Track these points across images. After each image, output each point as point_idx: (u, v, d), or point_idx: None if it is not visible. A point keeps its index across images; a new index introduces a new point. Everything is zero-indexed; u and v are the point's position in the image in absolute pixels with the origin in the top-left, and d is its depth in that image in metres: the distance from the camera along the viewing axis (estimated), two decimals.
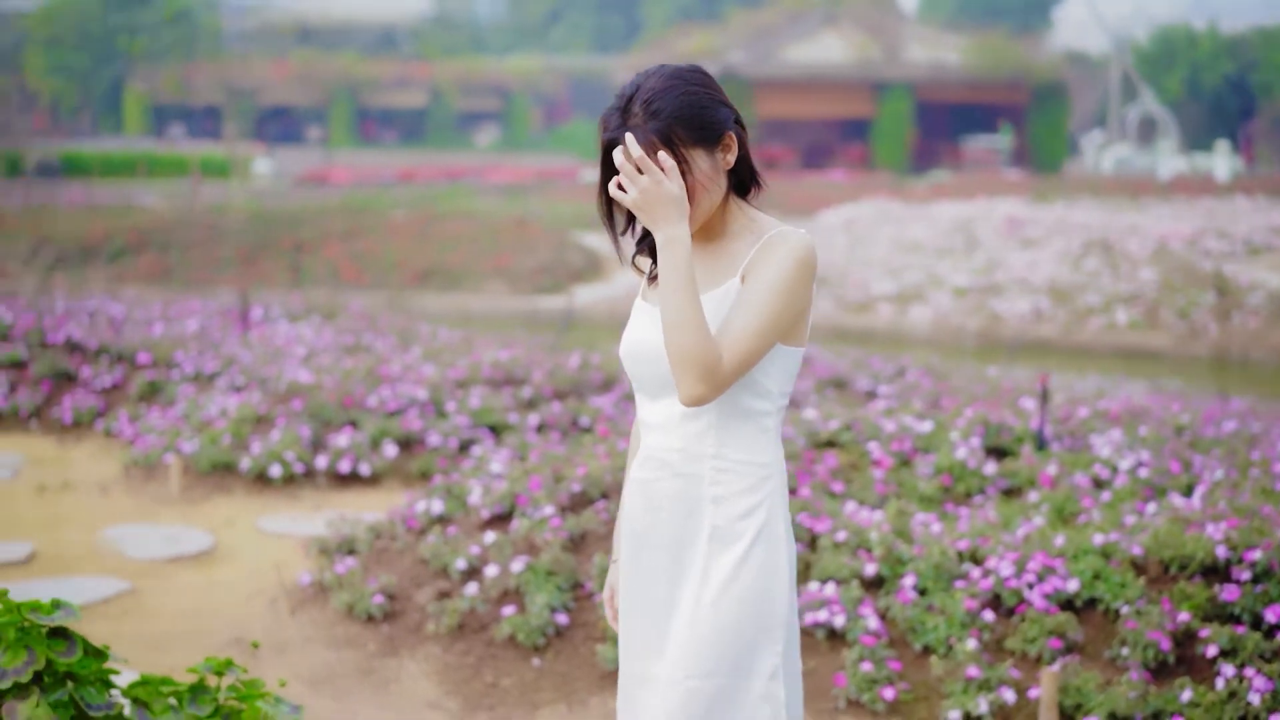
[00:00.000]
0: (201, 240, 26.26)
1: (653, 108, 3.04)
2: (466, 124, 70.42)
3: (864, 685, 5.59)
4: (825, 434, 7.82)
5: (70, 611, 4.25)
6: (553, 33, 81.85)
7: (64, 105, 70.32)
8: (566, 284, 23.74)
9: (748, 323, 3.01)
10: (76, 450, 10.31)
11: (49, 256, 24.99)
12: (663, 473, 3.17)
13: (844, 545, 6.25)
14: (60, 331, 11.89)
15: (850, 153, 51.01)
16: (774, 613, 3.12)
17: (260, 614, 6.80)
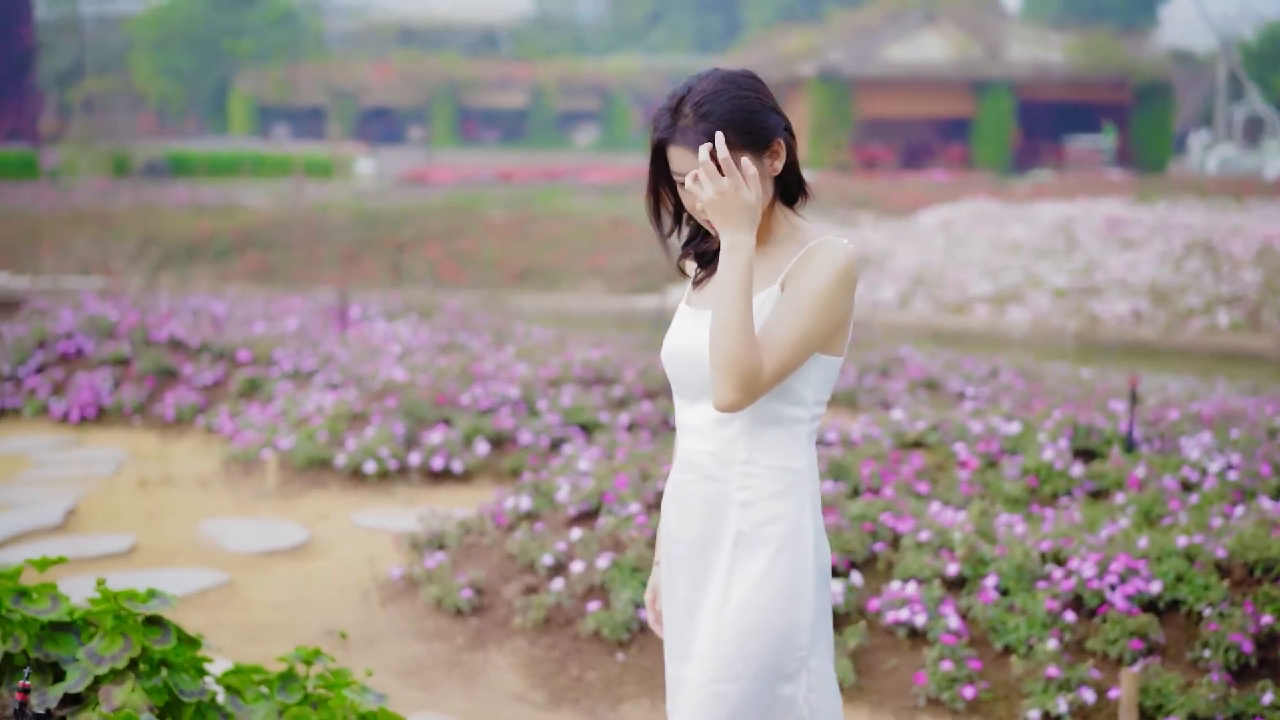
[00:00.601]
0: (304, 240, 26.56)
1: (703, 109, 3.05)
2: (566, 124, 70.68)
3: (944, 684, 5.63)
4: (912, 434, 7.85)
5: (165, 601, 4.39)
6: (653, 33, 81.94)
7: (171, 106, 71.36)
8: (661, 283, 23.77)
9: (787, 332, 3.01)
10: (178, 446, 10.53)
11: (155, 255, 25.38)
12: (695, 475, 3.18)
13: (926, 545, 6.29)
14: (163, 329, 12.13)
15: (951, 152, 50.66)
16: (799, 618, 3.10)
17: (352, 606, 6.94)
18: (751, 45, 60.21)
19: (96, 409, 11.24)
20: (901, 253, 25.09)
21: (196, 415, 10.97)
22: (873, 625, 6.02)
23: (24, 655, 4.49)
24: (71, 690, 4.26)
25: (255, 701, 4.57)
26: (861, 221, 29.68)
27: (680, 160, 3.09)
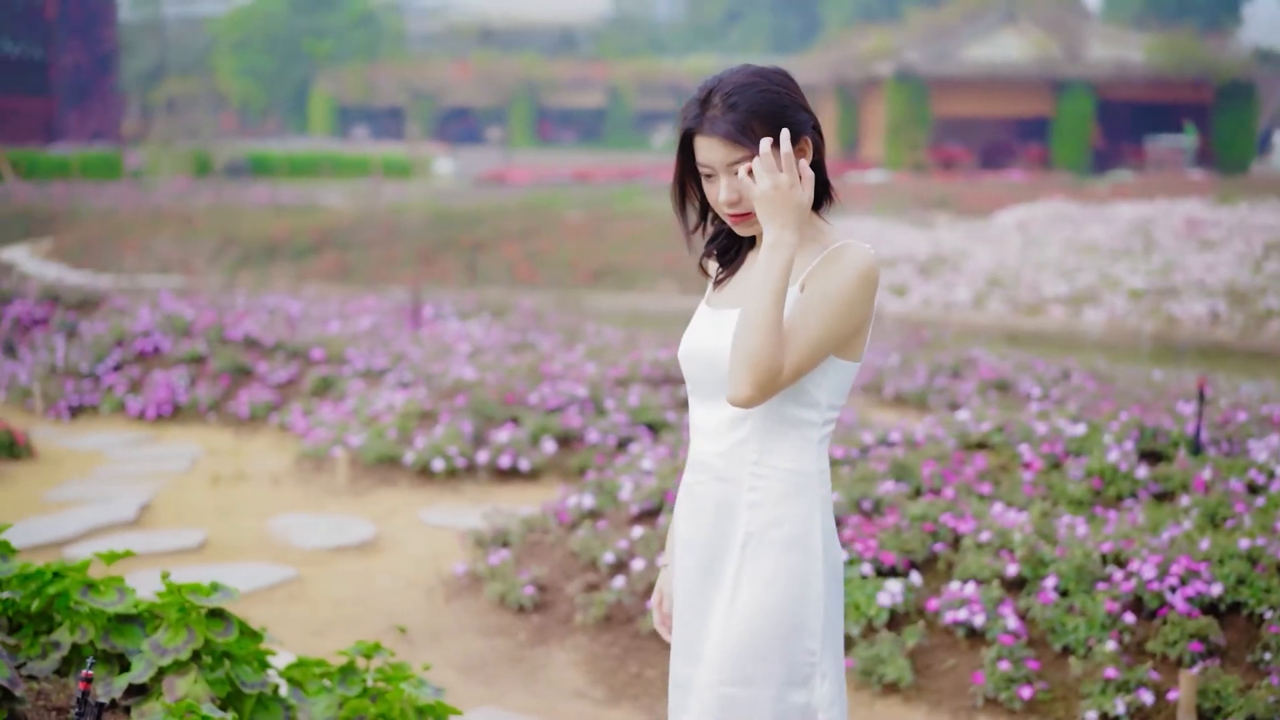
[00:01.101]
0: (382, 239, 26.77)
1: (731, 100, 3.02)
2: (644, 124, 70.79)
3: (1002, 684, 5.64)
4: (976, 436, 7.84)
5: (228, 594, 4.48)
6: (731, 33, 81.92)
7: (252, 107, 72.09)
8: None
9: (806, 332, 2.98)
10: (252, 443, 10.67)
11: (234, 254, 25.65)
12: (706, 476, 3.16)
13: (987, 546, 6.29)
14: (239, 328, 12.29)
15: (1029, 152, 50.29)
16: (807, 622, 3.08)
17: (417, 602, 7.03)
18: (828, 45, 60.10)
19: (172, 406, 11.41)
20: (977, 253, 24.98)
21: (270, 413, 11.11)
22: (931, 625, 6.04)
23: (91, 646, 4.60)
24: (136, 681, 4.36)
25: (317, 694, 4.66)
26: (937, 222, 29.57)
27: (706, 150, 3.06)
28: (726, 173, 3.06)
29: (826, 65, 55.39)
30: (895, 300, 22.03)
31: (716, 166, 3.06)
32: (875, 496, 6.77)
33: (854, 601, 6.07)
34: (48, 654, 4.56)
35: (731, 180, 3.05)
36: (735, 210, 3.08)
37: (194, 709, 3.93)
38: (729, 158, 3.03)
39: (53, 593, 4.66)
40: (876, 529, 6.43)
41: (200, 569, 7.42)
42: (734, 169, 3.04)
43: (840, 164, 50.54)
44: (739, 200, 3.06)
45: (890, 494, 6.81)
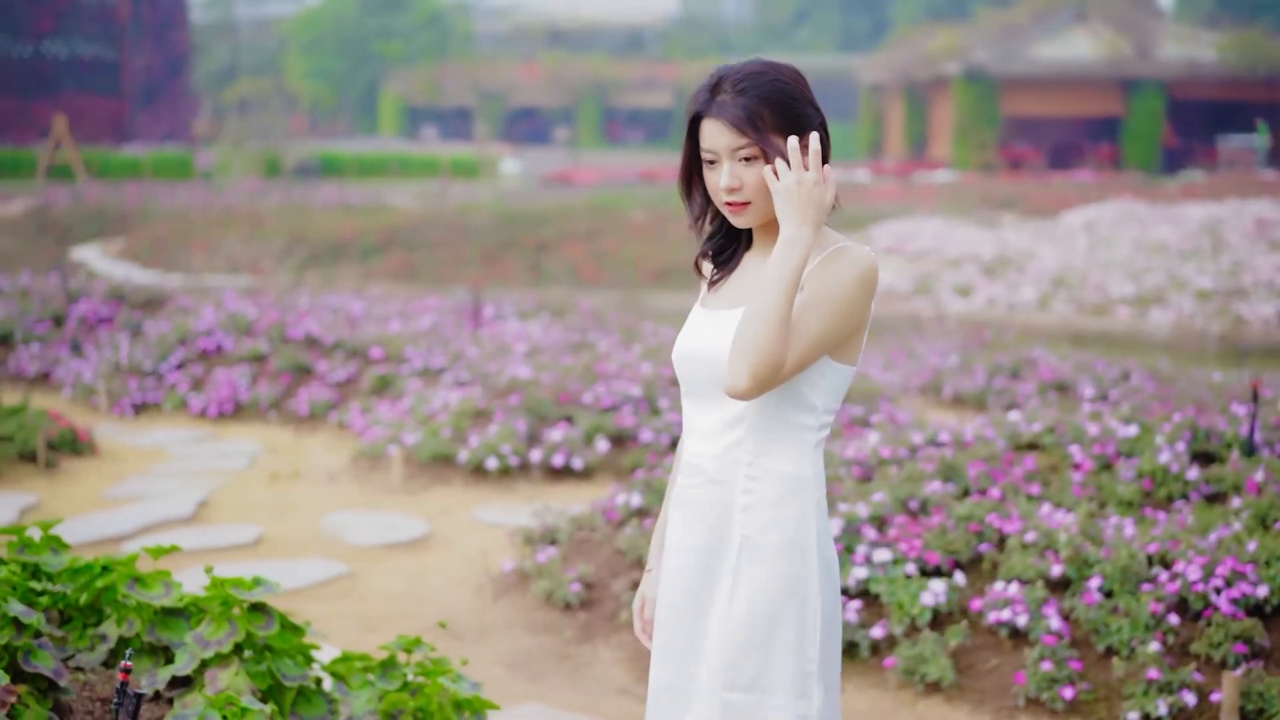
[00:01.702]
0: (447, 239, 26.91)
1: (741, 87, 3.03)
2: None
3: (1044, 684, 5.64)
4: (1027, 436, 7.82)
5: (269, 588, 4.56)
6: (799, 32, 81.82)
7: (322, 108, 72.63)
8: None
9: (805, 330, 2.96)
10: (311, 441, 10.79)
11: (302, 254, 25.85)
12: (699, 479, 3.15)
13: (1032, 546, 6.29)
14: (300, 327, 12.42)
15: (1100, 152, 49.94)
16: (806, 629, 3.07)
17: (466, 599, 7.10)
18: (897, 44, 59.89)
19: (234, 404, 11.55)
20: (1043, 254, 24.85)
21: (329, 411, 11.22)
22: (975, 625, 6.04)
23: (137, 639, 4.69)
24: (179, 673, 4.44)
25: (360, 688, 4.72)
26: (1003, 222, 29.42)
27: (712, 135, 3.06)
28: (730, 158, 3.05)
29: (894, 65, 55.23)
30: (959, 300, 21.95)
31: (721, 152, 3.05)
32: (922, 496, 6.77)
33: (898, 601, 6.09)
34: (95, 646, 4.65)
35: (734, 166, 3.04)
36: (734, 198, 3.06)
37: (233, 700, 4.00)
38: (734, 143, 3.03)
39: (101, 586, 4.75)
40: (922, 529, 6.44)
41: (254, 565, 7.53)
42: (738, 155, 3.04)
43: (907, 164, 50.37)
44: (739, 188, 3.05)
45: (937, 494, 6.81)
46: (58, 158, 41.85)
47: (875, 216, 30.54)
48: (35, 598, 4.56)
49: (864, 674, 6.00)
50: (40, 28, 56.21)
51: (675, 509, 3.24)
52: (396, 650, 4.73)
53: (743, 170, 3.05)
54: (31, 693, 4.09)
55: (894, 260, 25.86)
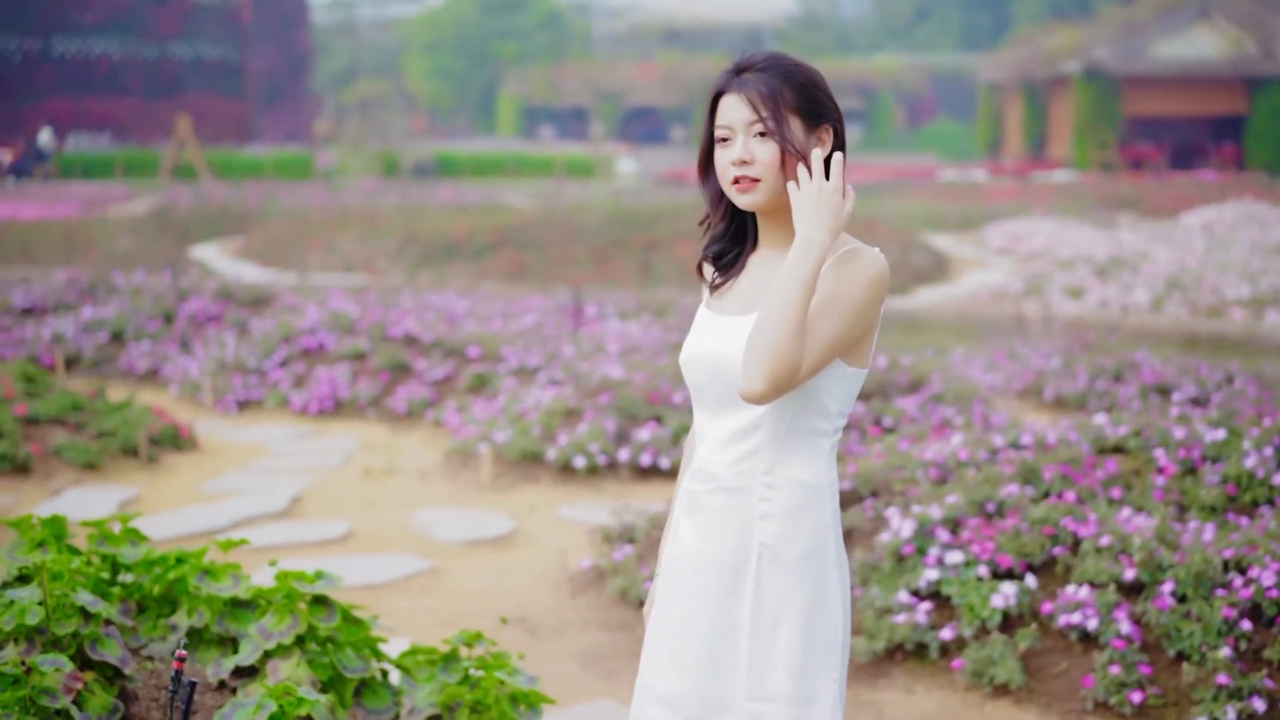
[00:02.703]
0: (559, 239, 27.03)
1: (763, 66, 3.08)
2: None
3: (1112, 688, 5.62)
4: (1112, 440, 7.77)
5: (330, 581, 4.67)
6: (919, 31, 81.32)
7: (441, 108, 73.31)
8: (907, 284, 23.65)
9: (819, 332, 2.97)
10: (407, 438, 10.94)
11: (415, 253, 26.08)
12: (711, 487, 3.13)
13: (1106, 550, 6.26)
14: (400, 326, 12.60)
15: (1223, 152, 49.08)
16: (831, 637, 3.10)
17: (545, 595, 7.19)
18: (1016, 42, 59.35)
19: (334, 402, 11.73)
20: (1158, 255, 24.52)
21: (426, 409, 11.37)
22: (1045, 628, 6.03)
23: (207, 629, 4.82)
24: (243, 663, 4.56)
25: (425, 681, 4.82)
26: (1120, 223, 29.07)
27: (731, 110, 3.08)
28: (746, 133, 3.06)
29: (1013, 63, 54.73)
30: (1070, 302, 21.71)
31: (737, 126, 3.07)
32: (998, 499, 6.76)
33: (968, 603, 6.09)
34: (166, 636, 4.79)
35: (749, 141, 3.05)
36: (744, 172, 3.07)
37: (290, 690, 4.11)
38: (750, 117, 3.05)
39: (173, 578, 4.89)
40: (995, 531, 6.44)
41: (341, 559, 7.67)
42: (753, 130, 3.05)
43: (1026, 163, 49.92)
44: (751, 162, 3.06)
45: (1013, 497, 6.79)
46: (181, 158, 42.64)
47: (989, 216, 30.33)
48: (107, 588, 4.69)
49: (933, 675, 6.01)
50: (166, 30, 57.31)
51: (685, 514, 3.22)
52: (458, 644, 4.83)
53: (756, 146, 3.06)
54: (98, 679, 4.22)
55: (1006, 261, 25.67)
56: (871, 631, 6.12)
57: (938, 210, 31.60)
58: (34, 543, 4.79)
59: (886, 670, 6.08)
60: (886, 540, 6.43)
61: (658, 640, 3.23)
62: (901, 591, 6.20)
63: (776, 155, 3.06)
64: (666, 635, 3.20)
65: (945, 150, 61.82)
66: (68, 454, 9.47)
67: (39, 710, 3.94)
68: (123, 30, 56.35)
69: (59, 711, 3.99)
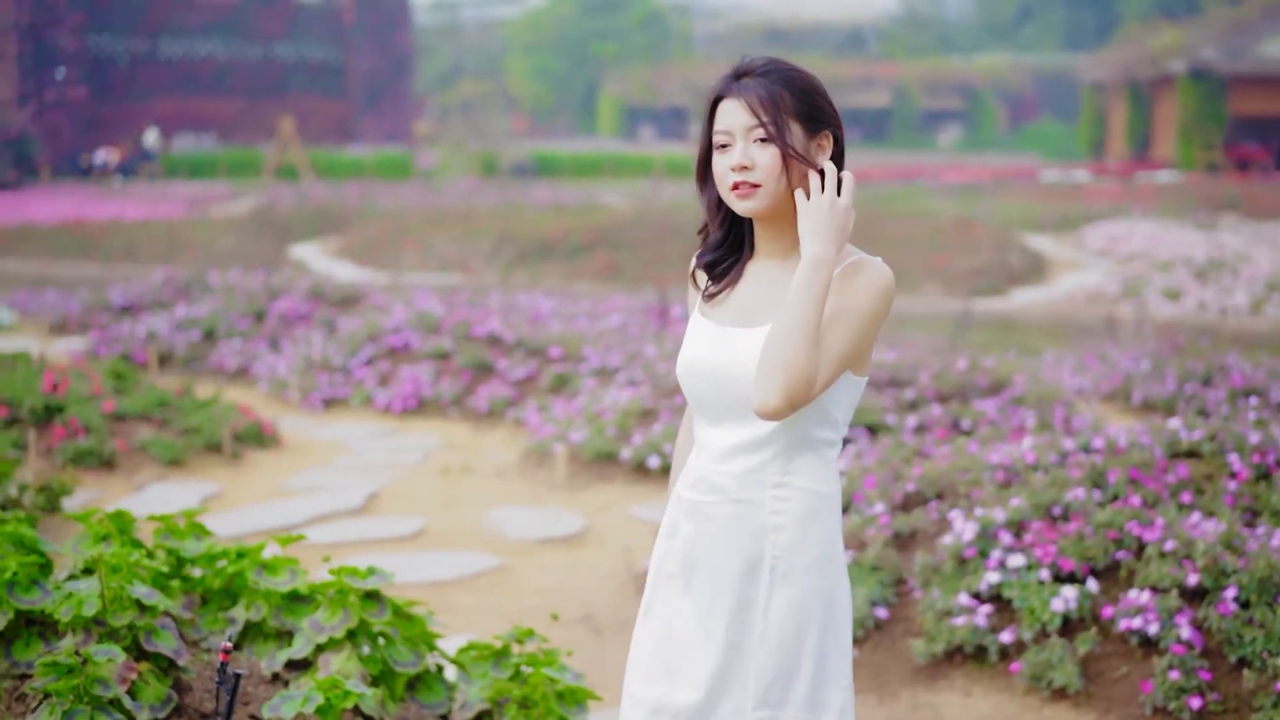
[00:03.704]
0: (653, 239, 27.07)
1: (763, 70, 3.07)
2: (930, 123, 70.20)
3: (1171, 693, 5.59)
4: (1185, 444, 7.70)
5: (382, 577, 4.75)
6: (1023, 30, 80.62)
7: (542, 108, 73.66)
8: (1004, 286, 23.49)
9: (832, 346, 2.97)
10: (487, 437, 11.03)
11: (510, 253, 26.25)
12: (718, 497, 3.11)
13: (1170, 555, 6.22)
14: (484, 326, 12.70)
15: None
16: (840, 644, 3.10)
17: (610, 594, 7.25)
18: (1121, 42, 58.71)
19: (417, 400, 11.85)
20: (1259, 257, 24.18)
21: (507, 409, 11.46)
22: (1106, 632, 6.00)
23: (265, 622, 4.92)
24: (295, 656, 4.65)
25: (479, 677, 4.89)
26: (1222, 224, 28.67)
27: (730, 115, 3.07)
28: (745, 138, 3.05)
29: (1118, 63, 54.16)
30: (1168, 304, 21.48)
31: (736, 131, 3.06)
32: (1064, 502, 6.73)
33: (1029, 606, 6.07)
34: (225, 629, 4.90)
35: (748, 147, 3.04)
36: (743, 178, 3.05)
37: (337, 683, 4.19)
38: (750, 122, 3.04)
39: (232, 572, 5.00)
40: (1058, 534, 6.41)
41: (413, 556, 7.78)
42: (753, 135, 3.04)
43: (1129, 164, 49.37)
44: (751, 167, 3.04)
45: (1079, 500, 6.76)
46: (284, 158, 43.18)
47: (1089, 217, 30.06)
48: (167, 581, 4.80)
49: (991, 678, 6.00)
50: (270, 31, 58.04)
51: (688, 522, 3.18)
52: (510, 640, 4.90)
53: (756, 151, 3.05)
54: (153, 670, 4.33)
55: (1104, 262, 25.42)
56: (931, 634, 6.12)
57: (1037, 211, 31.34)
58: (98, 536, 4.91)
59: (945, 672, 6.07)
60: (949, 543, 6.42)
61: (658, 650, 3.19)
62: (962, 594, 6.19)
63: (777, 161, 3.04)
64: (673, 646, 3.18)
65: (1048, 150, 61.29)
66: (153, 450, 9.66)
67: (92, 699, 4.04)
68: (228, 32, 57.13)
69: (112, 701, 4.09)
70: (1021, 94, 70.79)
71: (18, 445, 9.10)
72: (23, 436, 9.22)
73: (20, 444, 9.12)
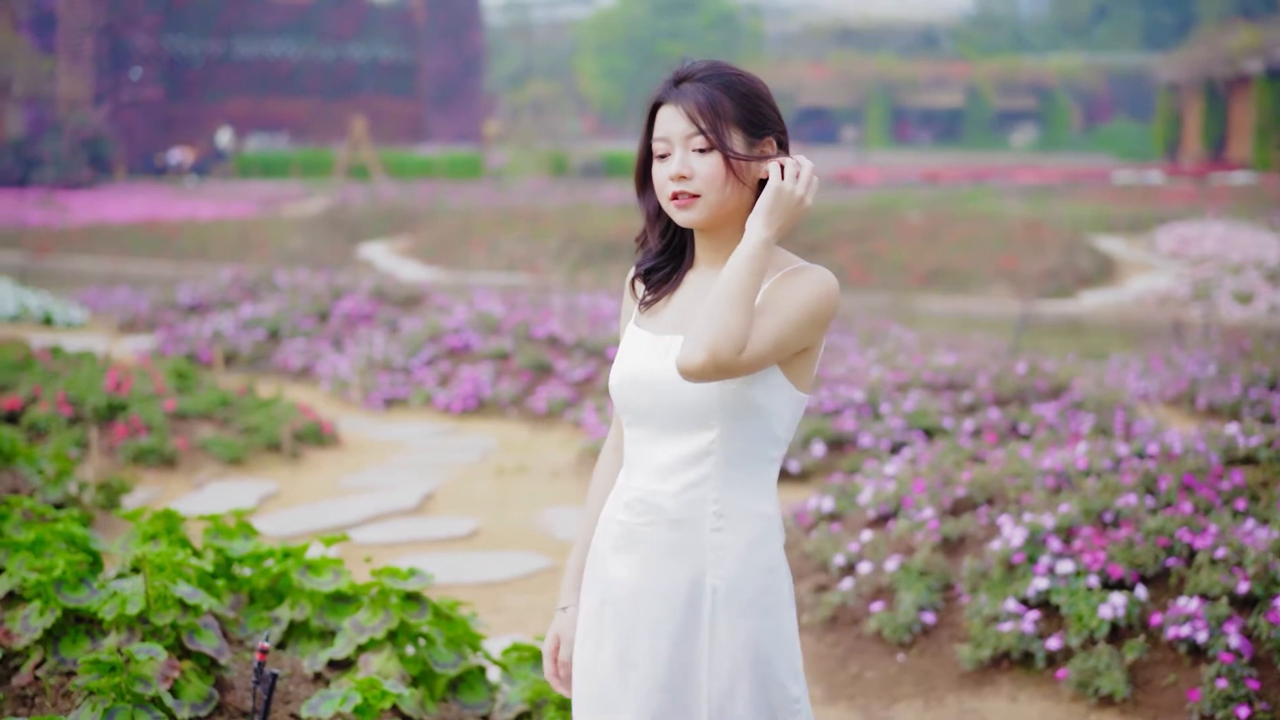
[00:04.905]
0: None
1: (704, 76, 2.95)
2: (1003, 124, 69.81)
3: (1219, 702, 5.55)
4: (1243, 450, 7.63)
5: (423, 578, 4.79)
6: (1098, 30, 79.99)
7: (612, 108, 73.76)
8: (1072, 288, 23.33)
9: (769, 326, 2.84)
10: (545, 438, 11.07)
11: (577, 253, 26.31)
12: (650, 518, 2.97)
13: (1221, 562, 6.17)
14: (543, 326, 12.76)
15: None
16: (791, 665, 3.00)
17: None
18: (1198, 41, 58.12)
19: (476, 401, 11.91)
20: None
21: (566, 409, 11.49)
22: (1155, 640, 5.96)
23: (309, 622, 4.97)
24: (336, 656, 4.71)
25: (521, 677, 4.93)
26: None
27: (669, 121, 2.96)
28: (684, 146, 2.93)
29: (1194, 62, 53.62)
30: (1238, 307, 21.27)
31: (675, 139, 2.95)
32: (1115, 509, 6.69)
33: (1077, 613, 6.04)
34: (270, 628, 4.95)
35: (687, 155, 2.93)
36: (682, 187, 2.94)
37: (375, 683, 4.24)
38: (688, 130, 2.93)
39: (277, 572, 5.05)
40: (1107, 541, 6.38)
41: (465, 556, 7.83)
42: (692, 144, 2.93)
43: (1204, 165, 48.90)
44: (690, 177, 2.93)
45: (1131, 506, 6.72)
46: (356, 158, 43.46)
47: (1161, 219, 29.80)
48: (212, 580, 4.86)
49: (1037, 685, 5.98)
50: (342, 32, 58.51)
51: (617, 551, 3.04)
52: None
53: (695, 160, 2.93)
54: (195, 669, 4.38)
55: (1175, 264, 25.20)
56: (977, 639, 6.10)
57: (1108, 212, 31.11)
58: (146, 535, 4.98)
59: (991, 678, 6.05)
60: (997, 548, 6.40)
61: (595, 687, 3.08)
62: (1009, 600, 6.16)
63: (718, 170, 2.93)
64: (593, 676, 3.08)
65: (1122, 151, 60.82)
66: (213, 448, 9.76)
67: (134, 697, 4.10)
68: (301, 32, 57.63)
69: (154, 699, 4.15)
70: (1096, 94, 70.25)
71: (80, 443, 9.22)
72: (86, 434, 9.34)
73: (83, 442, 9.25)
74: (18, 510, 5.46)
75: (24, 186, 42.65)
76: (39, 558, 4.67)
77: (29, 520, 5.36)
